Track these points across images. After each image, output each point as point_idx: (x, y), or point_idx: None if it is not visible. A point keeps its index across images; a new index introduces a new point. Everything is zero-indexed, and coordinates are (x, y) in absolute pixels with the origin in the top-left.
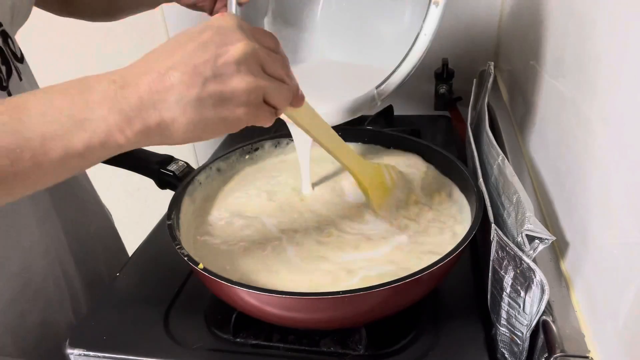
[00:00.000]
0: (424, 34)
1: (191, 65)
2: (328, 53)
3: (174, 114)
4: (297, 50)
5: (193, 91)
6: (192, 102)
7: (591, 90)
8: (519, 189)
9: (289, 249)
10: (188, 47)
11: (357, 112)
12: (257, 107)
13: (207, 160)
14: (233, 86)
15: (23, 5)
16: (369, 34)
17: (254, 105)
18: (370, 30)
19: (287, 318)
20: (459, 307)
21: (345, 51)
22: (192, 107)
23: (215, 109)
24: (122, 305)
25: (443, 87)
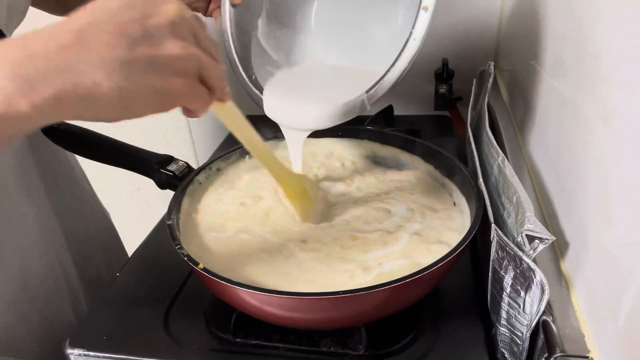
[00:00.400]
0: (413, 39)
1: (114, 24)
2: (322, 55)
3: (97, 78)
4: (292, 52)
5: (118, 52)
6: (118, 65)
7: (591, 90)
8: (519, 189)
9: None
10: (111, 5)
11: (347, 116)
12: (194, 80)
13: (207, 160)
14: (167, 50)
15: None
16: (363, 37)
17: (190, 77)
18: (364, 33)
19: (287, 318)
20: (459, 307)
21: (340, 53)
22: (119, 71)
23: (147, 76)
24: (122, 305)
25: (443, 87)
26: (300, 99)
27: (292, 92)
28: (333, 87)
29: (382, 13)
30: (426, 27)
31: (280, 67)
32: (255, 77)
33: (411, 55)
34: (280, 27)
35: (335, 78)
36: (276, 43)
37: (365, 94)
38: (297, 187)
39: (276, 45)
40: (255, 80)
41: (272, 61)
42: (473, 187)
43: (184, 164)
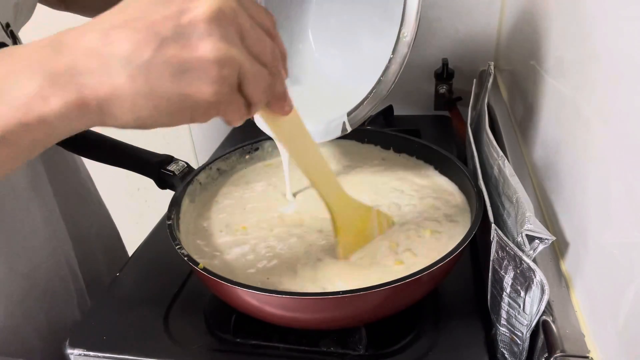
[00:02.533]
0: (393, 65)
1: (146, 22)
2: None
3: (118, 81)
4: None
5: (145, 53)
6: (142, 67)
7: (591, 90)
8: (519, 189)
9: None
10: (145, 0)
11: (328, 136)
12: (231, 89)
13: (207, 160)
14: (200, 53)
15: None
16: (355, 51)
17: (227, 85)
18: (356, 47)
19: (287, 318)
20: (459, 307)
21: (335, 65)
22: (142, 75)
23: (173, 81)
24: (122, 305)
25: (443, 87)
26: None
27: None
28: (321, 104)
29: (373, 28)
30: (404, 53)
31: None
32: None
33: (391, 81)
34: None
35: (325, 93)
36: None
37: (346, 115)
38: (354, 221)
39: None
40: None
41: None
42: (473, 187)
43: (184, 164)
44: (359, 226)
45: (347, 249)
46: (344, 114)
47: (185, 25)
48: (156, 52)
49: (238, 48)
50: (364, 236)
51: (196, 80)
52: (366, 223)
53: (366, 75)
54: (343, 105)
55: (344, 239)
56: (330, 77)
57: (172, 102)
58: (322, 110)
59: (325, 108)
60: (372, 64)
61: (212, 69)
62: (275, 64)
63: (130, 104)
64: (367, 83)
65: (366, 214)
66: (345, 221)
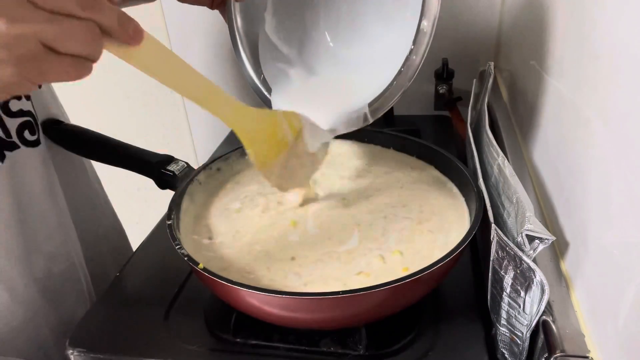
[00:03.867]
0: (413, 56)
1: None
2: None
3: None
4: (303, 46)
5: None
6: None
7: (591, 90)
8: (519, 189)
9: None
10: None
11: (349, 127)
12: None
13: (207, 160)
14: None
15: None
16: (370, 39)
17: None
18: (370, 36)
19: (287, 318)
20: (459, 307)
21: (350, 54)
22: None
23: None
24: (122, 305)
25: (443, 87)
26: (306, 106)
27: (299, 98)
28: (339, 95)
29: (384, 15)
30: (426, 43)
31: (291, 63)
32: (263, 76)
33: (413, 72)
34: (289, 17)
35: (343, 83)
36: (286, 36)
37: (367, 107)
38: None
39: (286, 38)
40: (264, 80)
41: (282, 57)
42: (473, 187)
43: (184, 163)
44: (267, 132)
45: (262, 160)
46: (365, 105)
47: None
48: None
49: (24, 18)
50: (276, 141)
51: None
52: (274, 127)
53: (382, 65)
54: (362, 95)
55: (255, 150)
56: (346, 67)
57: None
58: (341, 100)
59: (344, 98)
60: (387, 52)
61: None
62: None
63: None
64: (383, 73)
65: (271, 119)
66: (250, 132)
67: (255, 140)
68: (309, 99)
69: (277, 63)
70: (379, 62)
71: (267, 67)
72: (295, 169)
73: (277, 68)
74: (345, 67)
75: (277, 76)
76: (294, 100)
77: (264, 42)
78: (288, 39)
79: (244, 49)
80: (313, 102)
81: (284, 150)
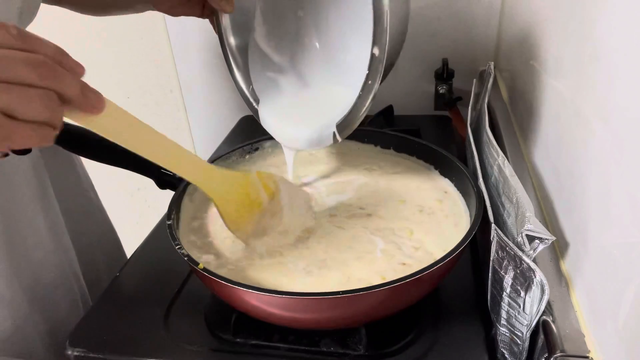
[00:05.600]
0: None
1: None
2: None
3: None
4: (295, 53)
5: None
6: None
7: (591, 90)
8: (519, 189)
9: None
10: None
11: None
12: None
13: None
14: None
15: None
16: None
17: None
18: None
19: (287, 318)
20: (459, 307)
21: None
22: None
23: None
24: (122, 305)
25: (443, 87)
26: (289, 120)
27: (284, 112)
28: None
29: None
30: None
31: (282, 71)
32: (252, 87)
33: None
34: (279, 25)
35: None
36: (277, 44)
37: (334, 127)
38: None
39: (277, 46)
40: (252, 91)
41: (272, 65)
42: (473, 187)
43: None
44: (238, 193)
45: (232, 219)
46: (333, 123)
47: None
48: None
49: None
50: (249, 202)
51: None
52: (246, 188)
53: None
54: (334, 111)
55: (224, 209)
56: (336, 77)
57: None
58: (326, 116)
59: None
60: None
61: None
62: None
63: None
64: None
65: (243, 181)
66: (219, 192)
67: (225, 200)
68: (293, 114)
69: (267, 72)
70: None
71: (256, 77)
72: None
73: (267, 77)
74: (335, 78)
75: (266, 86)
76: (279, 113)
77: (253, 51)
78: (279, 47)
79: (234, 59)
80: (297, 117)
81: (257, 210)
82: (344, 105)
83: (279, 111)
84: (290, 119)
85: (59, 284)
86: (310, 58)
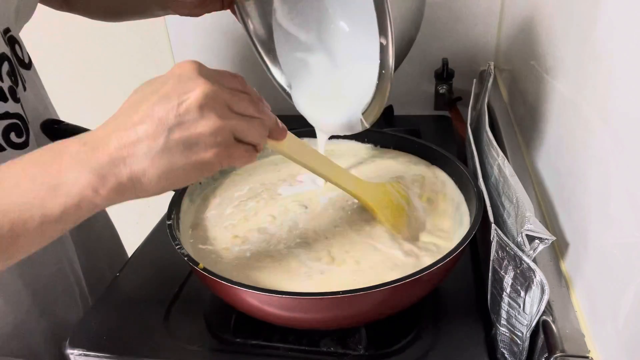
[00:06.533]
0: (382, 70)
1: (155, 117)
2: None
3: (144, 166)
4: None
5: (159, 141)
6: (159, 152)
7: (591, 90)
8: (519, 189)
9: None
10: (151, 100)
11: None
12: (228, 146)
13: None
14: (198, 130)
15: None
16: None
17: (224, 145)
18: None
19: (287, 318)
20: (459, 307)
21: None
22: (160, 157)
23: (183, 156)
24: (122, 305)
25: (443, 87)
26: (320, 104)
27: (317, 97)
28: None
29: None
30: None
31: (311, 49)
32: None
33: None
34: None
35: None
36: (302, 21)
37: (360, 114)
38: (381, 198)
39: (302, 23)
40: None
41: (300, 45)
42: (473, 187)
43: None
44: (387, 200)
45: (391, 222)
46: (359, 111)
47: (184, 113)
48: (167, 138)
49: (228, 116)
50: (398, 207)
51: (200, 150)
52: (389, 196)
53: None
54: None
55: (384, 217)
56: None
57: (186, 170)
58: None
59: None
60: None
61: (209, 139)
62: (258, 109)
63: (155, 180)
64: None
65: (385, 189)
66: (376, 201)
67: (380, 207)
68: (324, 97)
69: (296, 53)
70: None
71: (285, 60)
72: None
73: (296, 59)
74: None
75: (296, 68)
76: (311, 97)
77: (279, 33)
78: (305, 23)
79: (262, 45)
80: (327, 101)
81: (403, 213)
82: (369, 91)
83: (311, 95)
84: (321, 102)
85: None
86: (337, 32)
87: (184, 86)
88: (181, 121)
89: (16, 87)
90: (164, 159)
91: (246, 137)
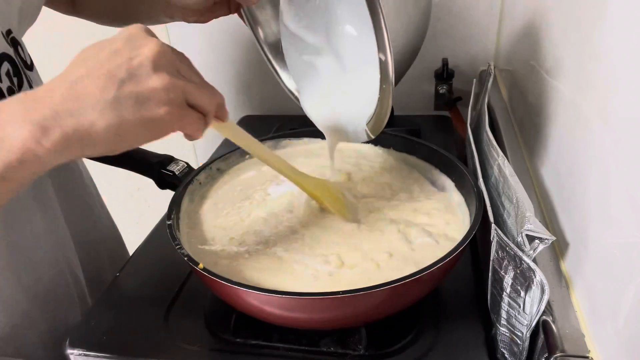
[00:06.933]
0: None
1: (104, 70)
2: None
3: (92, 118)
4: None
5: (109, 94)
6: (109, 105)
7: (591, 90)
8: (519, 189)
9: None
10: (100, 55)
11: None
12: (180, 107)
13: (207, 160)
14: (150, 84)
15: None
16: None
17: (176, 105)
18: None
19: (287, 318)
20: (459, 307)
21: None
22: (110, 110)
23: (134, 110)
24: (122, 305)
25: (443, 87)
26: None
27: (322, 101)
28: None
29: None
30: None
31: (320, 53)
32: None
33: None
34: (306, 1)
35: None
36: (309, 23)
37: (365, 124)
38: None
39: (310, 25)
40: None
41: (308, 48)
42: (473, 187)
43: (184, 164)
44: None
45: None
46: (363, 121)
47: (136, 67)
48: (117, 91)
49: (177, 76)
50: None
51: (152, 106)
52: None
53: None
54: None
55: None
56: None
57: (137, 125)
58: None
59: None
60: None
61: (161, 95)
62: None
63: (104, 133)
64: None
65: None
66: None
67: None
68: (331, 104)
69: (303, 55)
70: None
71: (292, 63)
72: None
73: (304, 62)
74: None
75: (304, 71)
76: (319, 103)
77: (286, 36)
78: (312, 26)
79: (270, 49)
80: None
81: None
82: (374, 99)
83: (319, 100)
84: (328, 110)
85: (58, 282)
86: (345, 35)
87: (135, 43)
88: (133, 74)
89: (20, 87)
90: (114, 112)
91: (197, 101)
